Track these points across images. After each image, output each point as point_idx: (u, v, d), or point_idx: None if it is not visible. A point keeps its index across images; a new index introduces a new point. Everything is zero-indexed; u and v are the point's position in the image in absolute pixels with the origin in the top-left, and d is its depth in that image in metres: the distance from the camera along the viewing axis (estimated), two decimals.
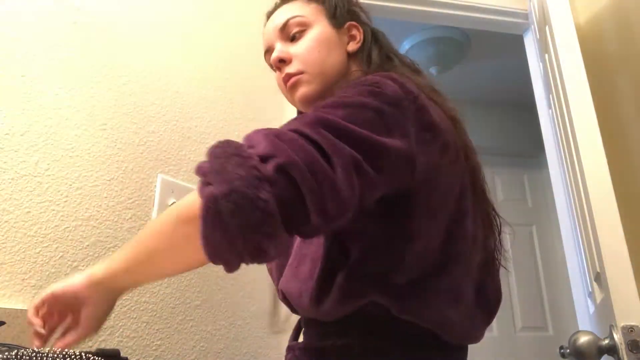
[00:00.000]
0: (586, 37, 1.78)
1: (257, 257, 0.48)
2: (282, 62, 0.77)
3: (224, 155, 0.49)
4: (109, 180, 1.07)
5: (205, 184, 0.48)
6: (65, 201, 0.99)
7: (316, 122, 0.54)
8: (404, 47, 2.96)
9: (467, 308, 0.68)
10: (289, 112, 1.62)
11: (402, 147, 0.58)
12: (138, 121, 1.15)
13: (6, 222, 0.90)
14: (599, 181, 1.20)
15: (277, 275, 0.80)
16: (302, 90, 0.76)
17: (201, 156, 0.51)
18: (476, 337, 0.71)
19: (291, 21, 0.77)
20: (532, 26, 1.89)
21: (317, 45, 0.76)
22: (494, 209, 0.77)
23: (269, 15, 0.83)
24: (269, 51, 0.80)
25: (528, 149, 3.26)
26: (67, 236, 0.97)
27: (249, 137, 0.53)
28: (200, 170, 0.50)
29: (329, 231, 0.64)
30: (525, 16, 1.98)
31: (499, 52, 2.96)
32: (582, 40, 1.49)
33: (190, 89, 1.30)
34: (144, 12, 1.24)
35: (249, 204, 0.45)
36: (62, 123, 1.02)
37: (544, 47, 1.65)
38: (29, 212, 0.93)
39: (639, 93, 1.54)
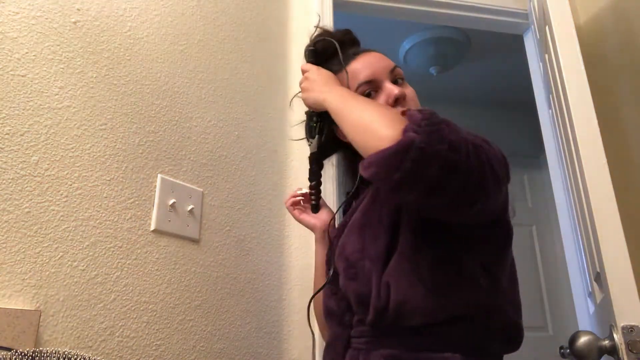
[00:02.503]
0: (586, 37, 1.78)
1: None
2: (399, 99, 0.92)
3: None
4: (109, 180, 1.07)
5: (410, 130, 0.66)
6: (65, 201, 0.99)
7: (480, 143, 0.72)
8: (404, 47, 2.95)
9: None
10: (289, 113, 1.63)
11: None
12: (138, 121, 1.15)
13: (6, 222, 0.90)
14: (599, 181, 1.20)
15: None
16: None
17: (201, 156, 0.51)
18: None
19: (398, 70, 0.93)
20: (532, 26, 1.89)
21: (416, 100, 0.94)
22: None
23: (356, 53, 0.96)
24: (371, 82, 0.92)
25: (528, 149, 3.26)
26: (67, 236, 0.97)
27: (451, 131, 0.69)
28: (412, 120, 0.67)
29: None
30: (525, 16, 1.98)
31: (499, 52, 2.95)
32: (582, 40, 1.49)
33: (190, 89, 1.30)
34: (144, 12, 1.24)
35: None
36: (62, 123, 1.02)
37: (544, 47, 1.65)
38: (29, 212, 0.93)
39: (639, 93, 1.54)
